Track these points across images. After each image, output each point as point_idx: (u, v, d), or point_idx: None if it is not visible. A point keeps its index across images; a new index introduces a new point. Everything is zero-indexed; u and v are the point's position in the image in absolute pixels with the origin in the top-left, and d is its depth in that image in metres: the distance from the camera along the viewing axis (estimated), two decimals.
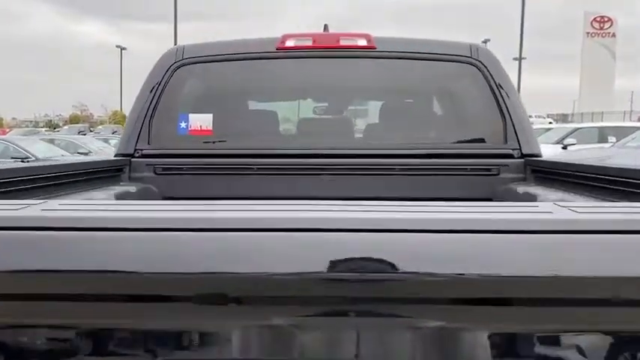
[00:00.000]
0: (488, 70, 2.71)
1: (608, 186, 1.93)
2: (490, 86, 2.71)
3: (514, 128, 2.69)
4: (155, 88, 2.76)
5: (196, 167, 2.71)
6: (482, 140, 2.79)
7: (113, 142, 19.35)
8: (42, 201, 1.14)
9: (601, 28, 49.19)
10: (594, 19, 49.62)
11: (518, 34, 37.11)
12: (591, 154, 11.25)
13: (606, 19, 49.70)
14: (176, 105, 2.83)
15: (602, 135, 14.89)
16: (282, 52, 2.80)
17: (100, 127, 46.33)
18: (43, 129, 51.57)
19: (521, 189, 2.38)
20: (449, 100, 3.05)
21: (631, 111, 45.01)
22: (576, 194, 2.06)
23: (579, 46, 51.56)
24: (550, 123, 33.86)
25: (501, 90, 2.71)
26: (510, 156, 2.68)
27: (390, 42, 2.84)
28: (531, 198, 2.18)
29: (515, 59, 40.95)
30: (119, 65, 47.32)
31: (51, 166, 2.03)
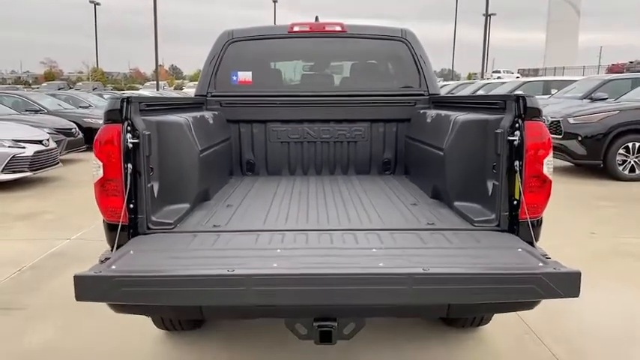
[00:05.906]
0: (412, 46, 4.69)
1: (464, 106, 3.96)
2: (413, 56, 4.69)
3: (425, 81, 4.70)
4: (216, 57, 4.67)
5: (244, 102, 4.66)
6: (408, 87, 4.79)
7: (107, 96, 20.81)
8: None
9: None
10: None
11: None
12: None
13: None
14: (230, 66, 4.74)
15: (546, 88, 17.12)
16: (291, 34, 4.72)
17: (80, 83, 47.02)
18: (19, 86, 51.56)
19: (425, 112, 4.41)
20: (389, 63, 5.03)
21: (599, 66, 46.77)
22: (450, 111, 4.09)
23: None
24: (517, 77, 36.04)
25: (420, 59, 4.69)
26: (422, 95, 4.71)
27: (354, 27, 4.77)
28: (428, 114, 4.21)
29: (483, 15, 42.48)
30: (88, 20, 47.16)
31: (177, 97, 3.92)
